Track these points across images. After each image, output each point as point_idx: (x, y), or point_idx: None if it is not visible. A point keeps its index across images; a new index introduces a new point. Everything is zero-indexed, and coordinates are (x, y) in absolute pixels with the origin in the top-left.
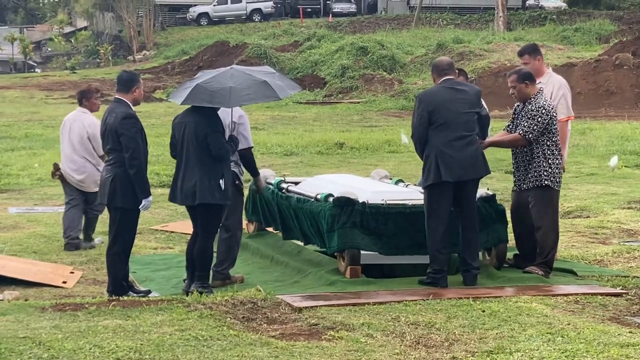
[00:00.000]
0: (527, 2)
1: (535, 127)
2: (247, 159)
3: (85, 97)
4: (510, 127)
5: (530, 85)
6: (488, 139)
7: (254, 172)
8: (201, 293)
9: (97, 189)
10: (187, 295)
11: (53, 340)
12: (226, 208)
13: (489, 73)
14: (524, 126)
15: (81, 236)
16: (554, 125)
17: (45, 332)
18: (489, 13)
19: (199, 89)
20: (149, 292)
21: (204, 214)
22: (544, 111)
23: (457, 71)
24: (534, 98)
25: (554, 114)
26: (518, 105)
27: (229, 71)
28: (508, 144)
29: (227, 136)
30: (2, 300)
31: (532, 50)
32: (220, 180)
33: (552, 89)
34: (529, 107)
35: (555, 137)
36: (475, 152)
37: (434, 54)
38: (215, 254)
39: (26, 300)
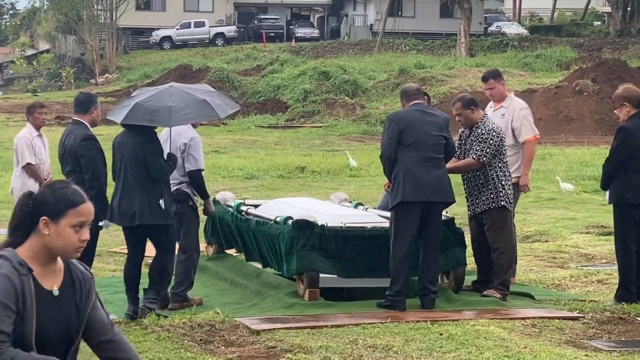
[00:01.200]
0: (489, 28)
1: (488, 150)
2: (196, 181)
3: (29, 112)
4: (459, 153)
5: (475, 110)
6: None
7: (204, 194)
8: (151, 309)
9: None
10: (131, 318)
11: None
12: (171, 226)
13: (451, 98)
14: (477, 150)
15: None
16: (504, 147)
17: None
18: (451, 39)
19: (139, 107)
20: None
21: (151, 234)
22: (494, 134)
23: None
24: (481, 122)
25: (503, 136)
26: (464, 132)
27: (168, 90)
28: (462, 169)
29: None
30: None
31: (496, 75)
32: (160, 200)
33: (513, 111)
34: (478, 131)
35: (506, 158)
36: (442, 175)
37: (396, 79)
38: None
39: None
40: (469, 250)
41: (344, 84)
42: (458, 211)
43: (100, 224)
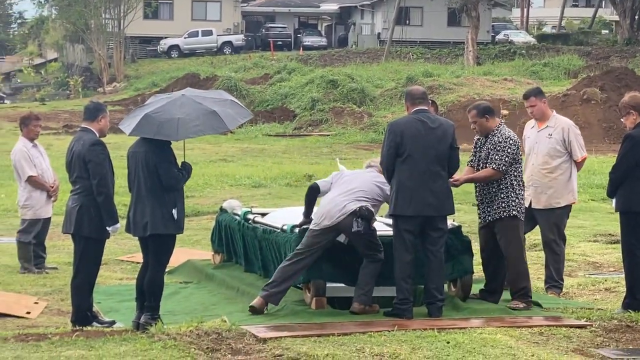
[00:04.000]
0: (497, 37)
1: (507, 159)
2: None
3: (24, 124)
4: (474, 161)
5: (490, 119)
6: (463, 177)
7: None
8: (150, 324)
9: (22, 216)
10: (137, 326)
11: None
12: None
13: (458, 106)
14: (495, 160)
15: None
16: (520, 155)
17: None
18: (459, 47)
19: (148, 119)
20: (113, 322)
21: (156, 244)
22: (511, 142)
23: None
24: (497, 130)
25: (519, 144)
26: (479, 139)
27: (179, 99)
28: (483, 179)
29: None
30: None
31: (537, 93)
32: (173, 210)
33: (562, 131)
34: (495, 139)
35: (521, 167)
36: (440, 188)
37: (403, 87)
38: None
39: None
40: (476, 259)
41: (351, 92)
42: (465, 219)
43: (109, 229)
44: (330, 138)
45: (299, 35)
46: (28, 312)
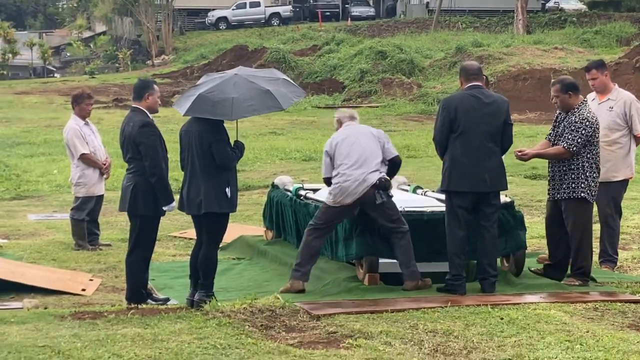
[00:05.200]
0: (547, 4)
1: (579, 140)
2: None
3: (76, 102)
4: (552, 135)
5: (573, 95)
6: (532, 151)
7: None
8: (204, 302)
9: (75, 193)
10: (191, 304)
11: (72, 349)
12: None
13: (508, 77)
14: (568, 139)
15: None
16: (597, 137)
17: (64, 341)
18: (509, 16)
19: (202, 99)
20: (167, 300)
21: (209, 222)
22: (587, 123)
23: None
24: (577, 108)
25: (597, 126)
26: (560, 114)
27: (232, 78)
28: (552, 156)
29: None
30: (21, 308)
31: (599, 66)
32: (227, 189)
33: (624, 105)
34: (572, 118)
35: (597, 149)
36: (492, 164)
37: (453, 58)
38: None
39: (45, 308)
40: (529, 233)
41: (400, 63)
42: (517, 192)
43: (165, 208)
44: (380, 109)
45: (346, 6)
46: (83, 290)
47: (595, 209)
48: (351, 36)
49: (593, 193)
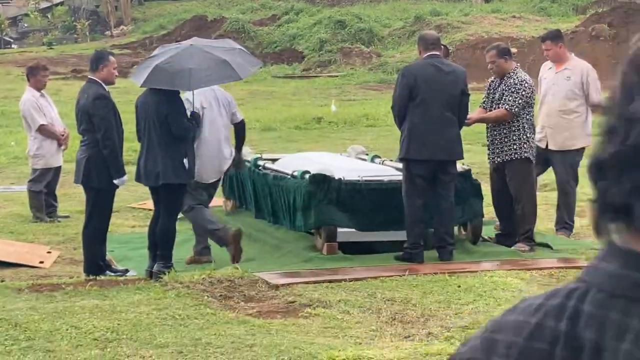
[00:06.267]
0: None
1: (520, 101)
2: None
3: (31, 74)
4: (486, 102)
5: (509, 60)
6: (474, 116)
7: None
8: (163, 273)
9: (33, 165)
10: (150, 275)
11: (30, 321)
12: (186, 187)
13: (467, 46)
14: (509, 101)
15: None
16: (533, 99)
17: (21, 314)
18: None
19: (159, 70)
20: (126, 271)
21: (167, 194)
22: (526, 85)
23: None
24: (513, 72)
25: (534, 88)
26: (493, 81)
27: (188, 49)
28: (494, 119)
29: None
30: None
31: (554, 37)
32: (184, 160)
33: (581, 74)
34: (510, 81)
35: (533, 111)
36: (450, 133)
37: (411, 27)
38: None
39: (2, 281)
40: (486, 201)
41: (359, 32)
42: (475, 160)
43: (116, 182)
44: (339, 79)
45: None
46: (41, 262)
47: (553, 177)
48: (310, 6)
49: (534, 153)
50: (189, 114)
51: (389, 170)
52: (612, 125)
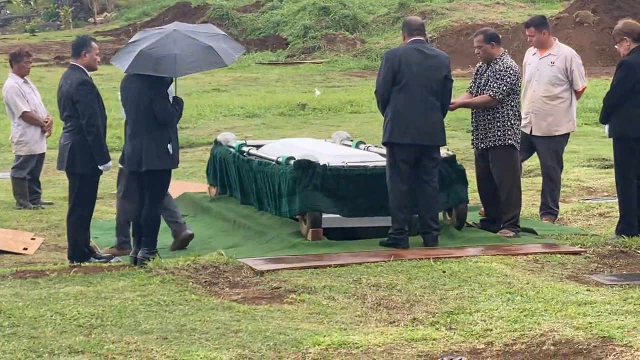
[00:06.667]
0: None
1: (505, 88)
2: None
3: (15, 60)
4: (473, 87)
5: (496, 45)
6: (458, 100)
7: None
8: (148, 259)
9: (17, 152)
10: (135, 261)
11: (14, 308)
12: (170, 173)
13: (451, 32)
14: (493, 87)
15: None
16: (519, 86)
17: (5, 300)
18: None
19: (144, 55)
20: (111, 257)
21: (151, 179)
22: (512, 71)
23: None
24: (500, 58)
25: (520, 75)
26: (481, 66)
27: (172, 34)
28: (478, 105)
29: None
30: None
31: (538, 24)
32: (168, 145)
33: (565, 60)
34: (496, 67)
35: (519, 97)
36: (434, 118)
37: (396, 13)
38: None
39: None
40: (471, 187)
41: (343, 19)
42: (460, 146)
43: (100, 167)
44: (324, 65)
45: None
46: (25, 248)
47: (537, 162)
48: None
49: (518, 140)
50: (170, 99)
51: (374, 156)
52: None
